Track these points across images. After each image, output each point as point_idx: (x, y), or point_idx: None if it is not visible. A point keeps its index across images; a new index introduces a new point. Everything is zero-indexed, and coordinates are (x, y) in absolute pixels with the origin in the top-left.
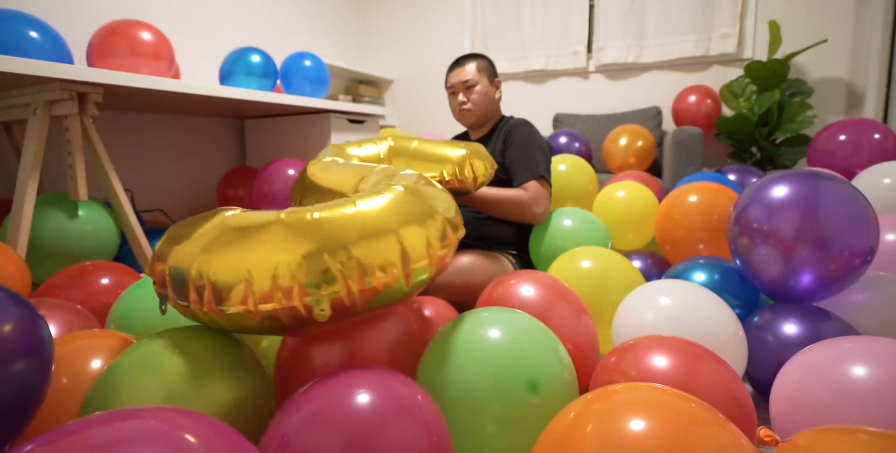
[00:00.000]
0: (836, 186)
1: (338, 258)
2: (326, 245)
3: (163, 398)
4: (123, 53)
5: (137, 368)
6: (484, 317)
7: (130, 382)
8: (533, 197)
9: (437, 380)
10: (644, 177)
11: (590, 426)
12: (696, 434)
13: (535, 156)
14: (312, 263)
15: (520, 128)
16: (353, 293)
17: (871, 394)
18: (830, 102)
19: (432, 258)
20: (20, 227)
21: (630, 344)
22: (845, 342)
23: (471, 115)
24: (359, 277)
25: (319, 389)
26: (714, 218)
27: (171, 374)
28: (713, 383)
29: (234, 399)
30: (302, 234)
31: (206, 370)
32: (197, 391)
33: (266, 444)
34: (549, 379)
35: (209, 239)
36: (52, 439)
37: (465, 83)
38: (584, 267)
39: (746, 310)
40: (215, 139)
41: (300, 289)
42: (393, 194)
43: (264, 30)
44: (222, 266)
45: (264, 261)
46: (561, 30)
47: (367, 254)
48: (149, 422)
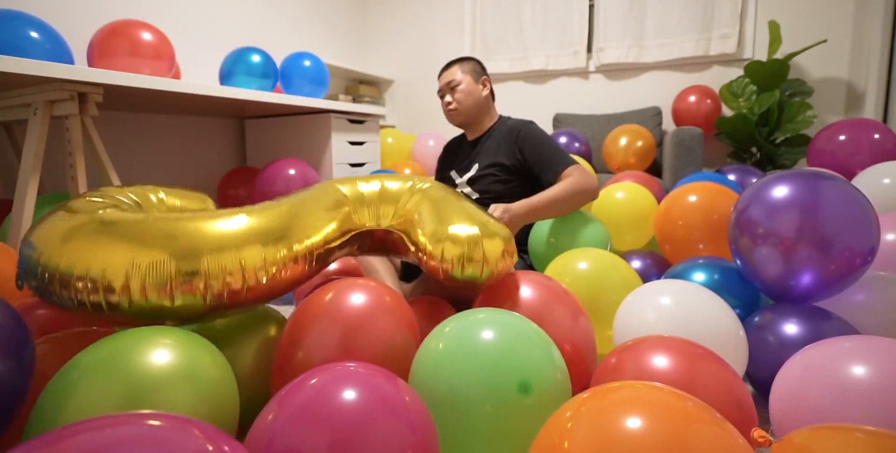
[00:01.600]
0: (837, 186)
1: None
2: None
3: (121, 397)
4: (124, 53)
5: (94, 368)
6: (476, 319)
7: (87, 382)
8: (584, 179)
9: (428, 380)
10: (644, 177)
11: (585, 425)
12: (691, 432)
13: (555, 150)
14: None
15: (529, 127)
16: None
17: (870, 394)
18: (830, 102)
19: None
20: (21, 227)
21: (630, 345)
22: (845, 341)
23: (458, 115)
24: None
25: (306, 386)
26: (714, 218)
27: (129, 374)
28: (715, 384)
29: (198, 399)
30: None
31: (168, 370)
32: (157, 392)
33: (252, 439)
34: (541, 380)
35: (70, 228)
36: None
37: (450, 84)
38: (581, 268)
39: (746, 310)
40: (216, 139)
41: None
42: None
43: (264, 30)
44: (74, 257)
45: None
46: (561, 30)
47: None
48: (139, 428)
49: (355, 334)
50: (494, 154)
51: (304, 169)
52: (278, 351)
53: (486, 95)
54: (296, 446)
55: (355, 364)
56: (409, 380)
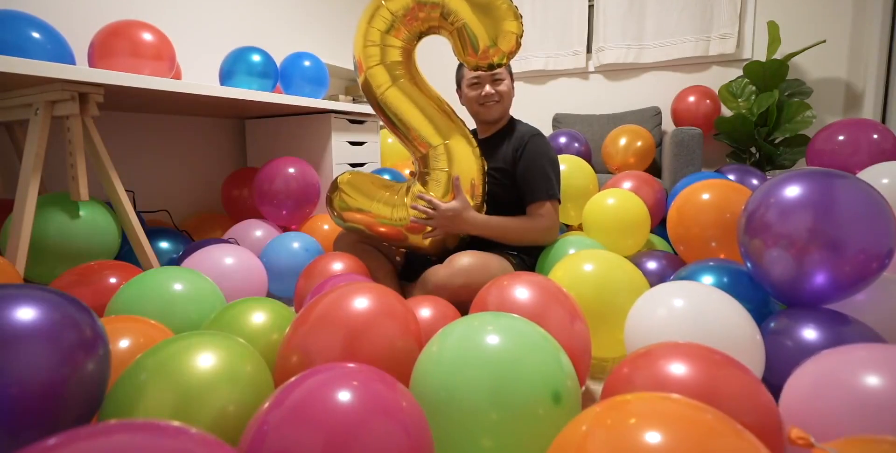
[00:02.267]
0: (852, 185)
1: None
2: None
3: (175, 400)
4: (124, 54)
5: (157, 370)
6: (481, 323)
7: (152, 383)
8: (548, 223)
9: (429, 386)
10: (644, 178)
11: (601, 439)
12: (713, 445)
13: (550, 175)
14: None
15: (535, 141)
16: None
17: (884, 404)
18: (829, 102)
19: None
20: (22, 227)
21: (643, 353)
22: (858, 350)
23: (499, 107)
24: None
25: (301, 386)
26: (727, 216)
27: (183, 376)
28: (737, 392)
29: (240, 404)
30: None
31: (217, 375)
32: (207, 395)
33: (246, 437)
34: (564, 389)
35: None
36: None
37: (494, 75)
38: (586, 270)
39: (756, 313)
40: (216, 139)
41: None
42: None
43: (264, 30)
44: None
45: None
46: (561, 30)
47: None
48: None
49: (357, 337)
50: (500, 157)
51: (304, 167)
52: (280, 353)
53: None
54: (289, 444)
55: (352, 365)
56: (410, 385)
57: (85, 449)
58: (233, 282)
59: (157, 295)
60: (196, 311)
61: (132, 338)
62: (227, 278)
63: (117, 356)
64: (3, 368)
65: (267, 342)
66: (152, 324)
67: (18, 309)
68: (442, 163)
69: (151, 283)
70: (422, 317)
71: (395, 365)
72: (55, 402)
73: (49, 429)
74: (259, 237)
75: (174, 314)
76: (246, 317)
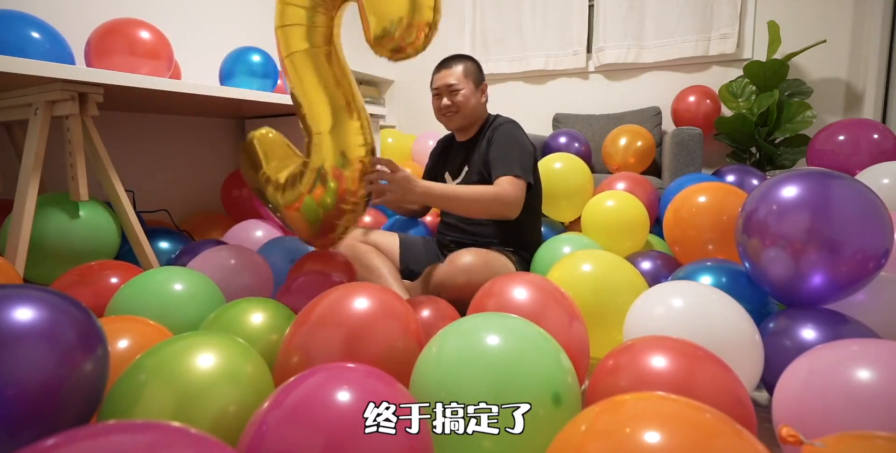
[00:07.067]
0: (849, 186)
1: None
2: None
3: (175, 400)
4: (121, 52)
5: (156, 371)
6: (481, 323)
7: (151, 383)
8: (512, 193)
9: (429, 386)
10: (637, 179)
11: (600, 440)
12: (712, 445)
13: (513, 154)
14: None
15: (502, 128)
16: None
17: (877, 398)
18: (829, 103)
19: None
20: (21, 227)
21: (626, 346)
22: (851, 344)
23: (457, 118)
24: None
25: (301, 386)
26: (724, 219)
27: (183, 376)
28: (713, 384)
29: (240, 404)
30: None
31: (217, 375)
32: (207, 396)
33: (246, 437)
34: (564, 390)
35: None
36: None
37: (451, 87)
38: (585, 270)
39: (755, 314)
40: (216, 140)
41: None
42: None
43: (264, 30)
44: None
45: None
46: (561, 30)
47: None
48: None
49: (357, 337)
50: (479, 157)
51: None
52: (280, 353)
53: (484, 102)
54: (287, 446)
55: (352, 365)
56: (410, 385)
57: (84, 450)
58: (238, 282)
59: (157, 295)
60: (196, 311)
61: (131, 339)
62: (231, 278)
63: (116, 356)
64: (2, 369)
65: (267, 342)
66: (151, 324)
67: (17, 309)
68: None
69: (151, 283)
70: (422, 317)
71: (394, 365)
72: (54, 403)
73: (48, 430)
74: (259, 237)
75: (174, 314)
76: (245, 318)
